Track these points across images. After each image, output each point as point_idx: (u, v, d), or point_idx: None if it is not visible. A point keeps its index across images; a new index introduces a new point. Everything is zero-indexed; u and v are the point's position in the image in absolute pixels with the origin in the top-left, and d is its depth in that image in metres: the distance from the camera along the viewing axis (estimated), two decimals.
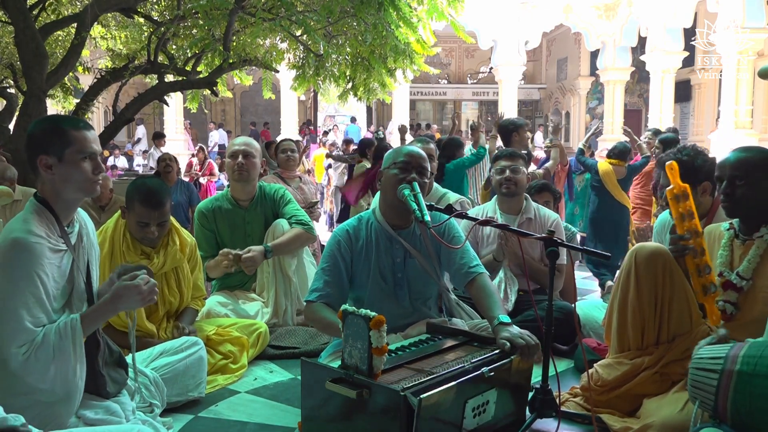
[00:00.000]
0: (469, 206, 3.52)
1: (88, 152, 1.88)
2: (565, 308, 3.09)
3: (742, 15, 10.03)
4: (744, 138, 9.80)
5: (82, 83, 7.47)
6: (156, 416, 2.20)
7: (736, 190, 2.16)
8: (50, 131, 1.86)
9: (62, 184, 1.87)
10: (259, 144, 3.75)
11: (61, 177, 1.86)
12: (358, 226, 2.48)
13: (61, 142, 1.85)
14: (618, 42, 14.52)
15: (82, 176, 1.87)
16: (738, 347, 1.76)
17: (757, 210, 2.18)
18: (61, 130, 1.86)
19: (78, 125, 1.90)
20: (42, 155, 1.85)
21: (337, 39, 5.15)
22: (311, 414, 1.96)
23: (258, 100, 22.09)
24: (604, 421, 2.20)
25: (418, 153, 2.41)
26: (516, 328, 2.07)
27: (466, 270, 2.39)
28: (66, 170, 1.86)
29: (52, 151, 1.85)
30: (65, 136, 1.85)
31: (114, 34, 5.90)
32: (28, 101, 4.48)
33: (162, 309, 2.77)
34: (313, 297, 2.37)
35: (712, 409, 1.74)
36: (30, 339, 1.76)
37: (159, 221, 2.65)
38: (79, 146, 1.86)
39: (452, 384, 1.78)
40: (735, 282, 2.20)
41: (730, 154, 2.23)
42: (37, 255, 1.77)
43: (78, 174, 1.87)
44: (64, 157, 1.85)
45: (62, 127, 1.87)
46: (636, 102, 19.37)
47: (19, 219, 1.85)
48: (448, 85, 22.82)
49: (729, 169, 2.18)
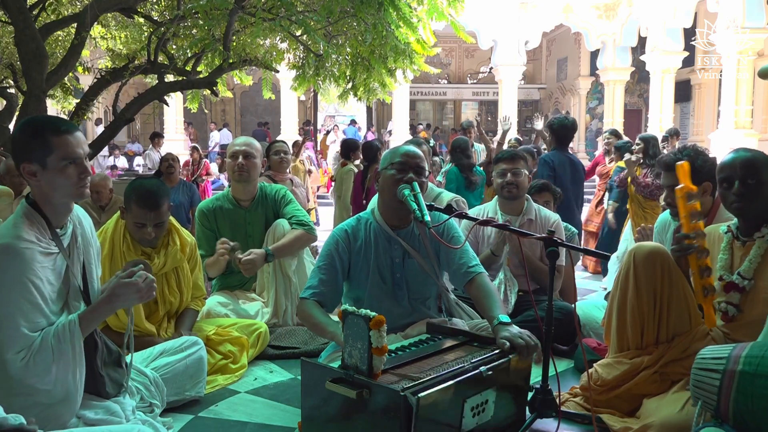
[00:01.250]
0: (464, 205, 3.52)
1: (72, 158, 1.81)
2: (565, 308, 3.09)
3: (742, 15, 10.04)
4: (744, 138, 9.81)
5: (82, 83, 7.47)
6: (156, 416, 2.20)
7: (749, 190, 2.16)
8: (31, 137, 1.80)
9: (49, 189, 1.82)
10: (262, 143, 3.75)
11: (46, 184, 1.81)
12: (357, 226, 2.49)
13: (42, 149, 1.78)
14: (618, 42, 14.53)
15: (67, 182, 1.82)
16: (740, 347, 1.76)
17: (762, 209, 2.18)
18: (42, 137, 1.78)
19: (60, 129, 1.81)
20: (24, 163, 1.79)
21: (337, 39, 5.15)
22: (311, 414, 1.96)
23: (258, 100, 22.09)
24: (604, 421, 2.20)
25: (415, 153, 2.41)
26: (516, 328, 2.07)
27: (465, 270, 2.39)
28: (50, 177, 1.80)
29: (35, 159, 1.78)
30: (46, 143, 1.78)
31: (114, 34, 5.89)
32: (28, 101, 4.48)
33: (162, 309, 2.77)
34: (306, 294, 2.38)
35: (714, 410, 1.74)
36: (28, 344, 1.74)
37: (156, 222, 2.64)
38: (62, 152, 1.79)
39: (450, 383, 1.78)
40: (737, 282, 2.20)
41: (733, 155, 2.22)
42: (27, 260, 1.74)
43: (63, 180, 1.81)
44: (47, 165, 1.79)
45: (43, 134, 1.78)
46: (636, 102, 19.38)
47: (9, 224, 1.81)
48: (448, 85, 22.83)
49: (739, 169, 2.17)
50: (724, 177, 2.22)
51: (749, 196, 2.16)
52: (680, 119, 16.39)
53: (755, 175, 2.15)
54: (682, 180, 2.25)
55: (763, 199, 2.16)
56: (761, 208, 2.18)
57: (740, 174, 2.17)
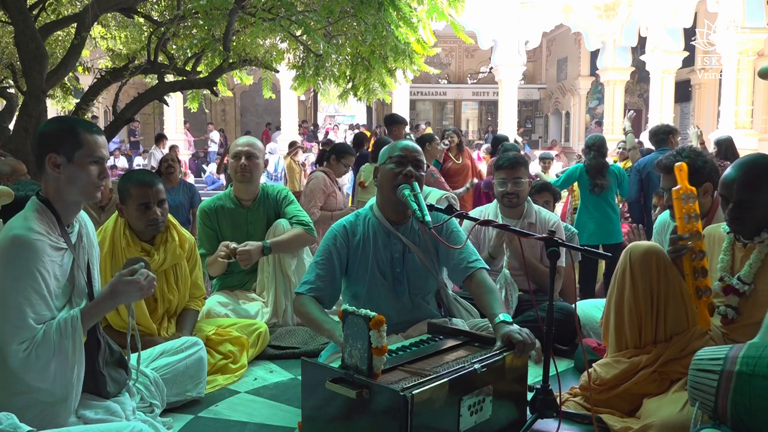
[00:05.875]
0: (455, 201, 3.52)
1: (97, 156, 1.91)
2: (565, 308, 3.09)
3: (742, 15, 10.03)
4: (744, 138, 9.80)
5: (82, 83, 7.48)
6: (156, 416, 2.20)
7: (743, 213, 2.14)
8: (64, 131, 1.89)
9: (67, 184, 1.88)
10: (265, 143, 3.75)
11: (67, 177, 1.88)
12: (356, 221, 2.49)
13: (73, 142, 1.87)
14: (618, 42, 14.52)
15: (87, 179, 1.90)
16: (737, 348, 1.76)
17: (761, 216, 2.17)
18: (75, 132, 1.88)
19: (92, 129, 1.93)
20: (52, 153, 1.87)
21: (337, 39, 5.15)
22: (311, 414, 1.96)
23: (258, 100, 22.11)
24: (604, 421, 2.20)
25: (413, 147, 2.42)
26: (516, 327, 2.07)
27: (465, 265, 2.39)
28: (73, 171, 1.88)
29: (63, 151, 1.87)
30: (78, 138, 1.88)
31: (114, 34, 5.90)
32: (28, 101, 4.48)
33: (161, 307, 2.77)
34: (303, 289, 2.37)
35: (712, 410, 1.74)
36: (31, 336, 1.76)
37: (158, 200, 2.69)
38: (90, 150, 1.89)
39: (444, 381, 1.78)
40: (736, 286, 2.20)
41: (734, 173, 2.18)
42: (38, 252, 1.78)
43: (84, 176, 1.89)
44: (73, 159, 1.87)
45: (76, 129, 1.89)
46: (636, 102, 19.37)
47: (20, 217, 1.86)
48: (448, 85, 22.84)
49: (736, 192, 2.14)
50: (721, 194, 2.22)
51: (743, 220, 2.15)
52: (680, 119, 16.37)
53: (752, 199, 2.12)
54: (680, 181, 2.25)
55: (762, 215, 2.14)
56: (760, 216, 2.16)
57: (735, 198, 2.15)
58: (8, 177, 4.09)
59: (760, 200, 2.12)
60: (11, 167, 4.12)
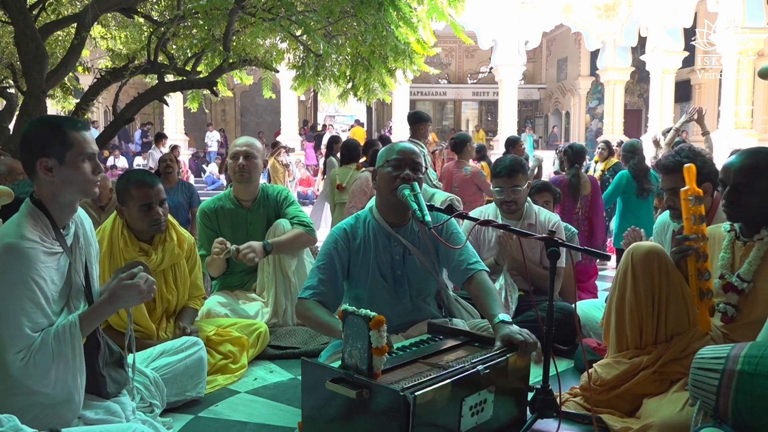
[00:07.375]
0: (458, 203, 3.51)
1: (88, 153, 1.87)
2: (565, 309, 3.09)
3: (742, 15, 10.05)
4: (744, 138, 9.81)
5: (82, 83, 7.48)
6: (156, 416, 2.20)
7: (739, 198, 2.14)
8: (50, 133, 1.84)
9: (62, 186, 1.85)
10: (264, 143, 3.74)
11: (61, 179, 1.84)
12: (356, 224, 2.48)
13: (62, 143, 1.83)
14: (618, 42, 14.54)
15: (82, 177, 1.86)
16: (739, 347, 1.76)
17: (758, 213, 2.17)
18: (62, 132, 1.84)
19: (76, 126, 1.87)
20: (42, 158, 1.82)
21: (337, 39, 5.15)
22: (311, 414, 1.96)
23: (258, 100, 22.11)
24: (604, 421, 2.20)
25: (411, 149, 2.41)
26: (516, 327, 2.07)
27: (465, 267, 2.38)
28: (67, 172, 1.84)
29: (53, 153, 1.82)
30: (66, 138, 1.83)
31: (114, 34, 5.90)
32: (28, 101, 4.48)
33: (160, 307, 2.77)
34: (306, 294, 2.36)
35: (713, 409, 1.73)
36: (28, 344, 1.74)
37: (160, 199, 2.69)
38: (80, 148, 1.85)
39: (447, 382, 1.78)
40: (736, 284, 2.20)
41: (735, 159, 2.20)
42: (31, 260, 1.75)
43: (79, 175, 1.86)
44: (65, 160, 1.83)
45: (63, 129, 1.85)
46: (636, 102, 19.38)
47: (13, 223, 1.82)
48: (448, 85, 22.85)
49: (733, 176, 2.15)
50: (720, 179, 2.23)
51: (738, 205, 2.15)
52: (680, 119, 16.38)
53: (749, 183, 2.12)
54: (689, 182, 2.25)
55: (758, 203, 2.14)
56: (759, 211, 2.17)
57: (733, 181, 2.15)
58: (6, 177, 4.10)
59: (756, 187, 2.12)
60: (8, 167, 4.12)
